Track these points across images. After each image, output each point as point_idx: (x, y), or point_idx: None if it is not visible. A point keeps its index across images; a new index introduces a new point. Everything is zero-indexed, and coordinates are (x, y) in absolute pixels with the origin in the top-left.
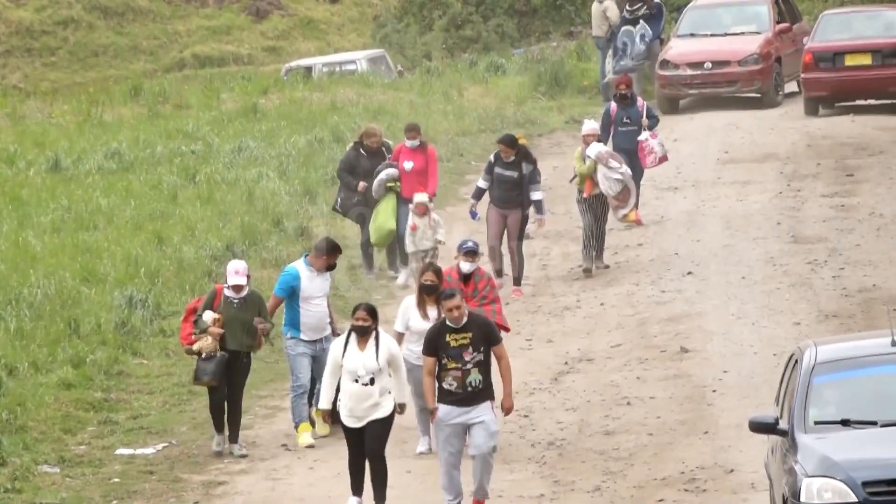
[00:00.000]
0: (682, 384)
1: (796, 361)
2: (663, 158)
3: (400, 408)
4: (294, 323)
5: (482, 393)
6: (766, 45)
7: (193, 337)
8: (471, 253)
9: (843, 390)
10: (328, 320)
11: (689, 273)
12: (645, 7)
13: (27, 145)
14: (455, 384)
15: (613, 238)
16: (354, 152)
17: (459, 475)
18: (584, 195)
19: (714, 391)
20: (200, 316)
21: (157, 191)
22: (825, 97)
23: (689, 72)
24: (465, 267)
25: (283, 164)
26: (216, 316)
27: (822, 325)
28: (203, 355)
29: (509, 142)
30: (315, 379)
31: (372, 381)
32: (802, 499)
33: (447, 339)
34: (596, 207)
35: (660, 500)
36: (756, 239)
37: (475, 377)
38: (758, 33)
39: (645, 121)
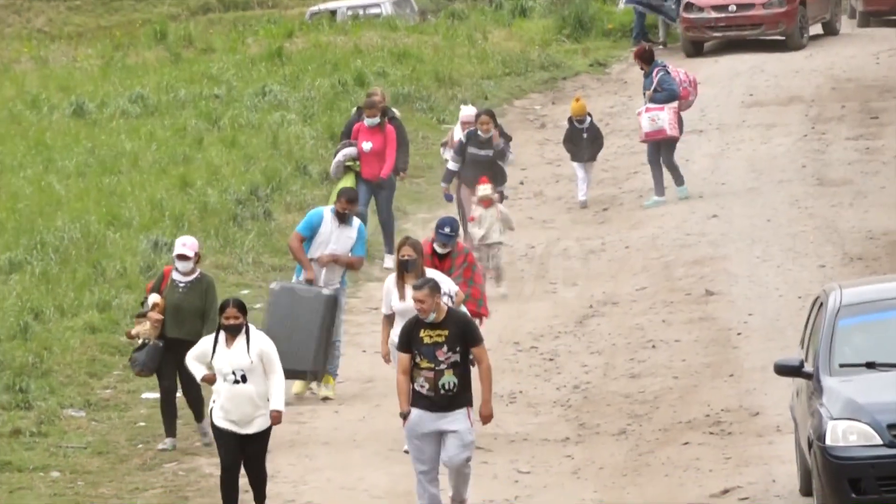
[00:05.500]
0: (707, 327)
1: (821, 304)
2: (652, 133)
3: (275, 416)
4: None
5: (457, 398)
6: None
7: (135, 319)
8: (444, 242)
9: (868, 333)
10: (338, 273)
11: (714, 216)
12: None
13: (51, 89)
14: (427, 386)
15: (638, 181)
16: (356, 117)
17: (438, 490)
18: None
19: (739, 334)
20: (146, 299)
21: (180, 135)
22: (884, 11)
23: (714, 14)
24: (440, 248)
25: (307, 108)
26: (157, 300)
27: (847, 268)
28: (140, 341)
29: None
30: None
31: (244, 379)
32: (828, 441)
33: (421, 334)
34: None
35: (685, 443)
36: (781, 182)
37: (449, 379)
38: None
39: (649, 92)
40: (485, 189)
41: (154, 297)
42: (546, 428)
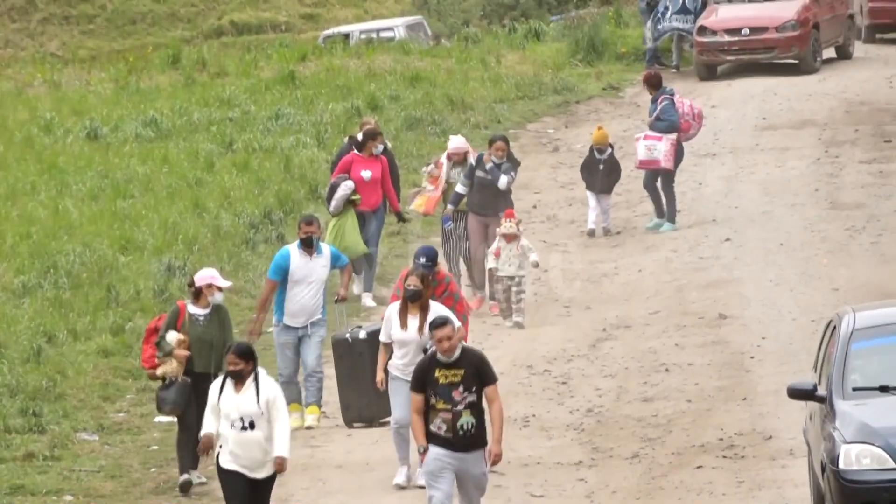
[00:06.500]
0: (721, 351)
1: (834, 328)
2: (646, 162)
3: (279, 462)
4: (279, 306)
5: (476, 439)
6: (803, 12)
7: (157, 360)
8: (425, 271)
9: (882, 357)
10: (319, 306)
11: (728, 239)
12: None
13: (65, 113)
14: (444, 427)
15: (651, 205)
16: (348, 147)
17: None
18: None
19: (752, 357)
20: (163, 337)
21: (193, 158)
22: (890, 24)
23: (727, 38)
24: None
25: (320, 131)
26: (181, 337)
27: (860, 292)
28: (167, 381)
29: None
30: (303, 361)
31: (252, 426)
32: (841, 465)
33: (436, 374)
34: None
35: (698, 467)
36: (794, 205)
37: (467, 420)
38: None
39: (650, 119)
40: (509, 226)
41: (176, 335)
42: (559, 451)
